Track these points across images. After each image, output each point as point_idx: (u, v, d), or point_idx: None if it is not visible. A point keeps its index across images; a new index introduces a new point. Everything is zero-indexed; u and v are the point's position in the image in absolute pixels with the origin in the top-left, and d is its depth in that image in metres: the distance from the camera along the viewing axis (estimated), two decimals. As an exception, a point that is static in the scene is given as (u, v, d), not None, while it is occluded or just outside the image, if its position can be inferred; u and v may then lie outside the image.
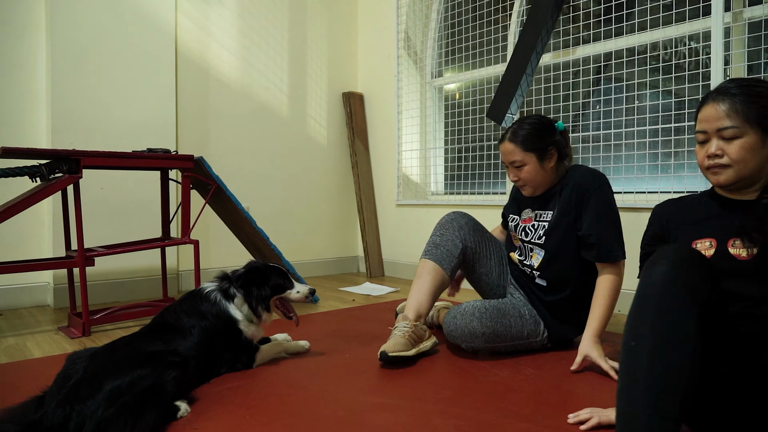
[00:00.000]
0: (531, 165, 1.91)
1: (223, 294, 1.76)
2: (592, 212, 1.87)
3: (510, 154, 1.93)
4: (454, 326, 1.90)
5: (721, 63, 2.36)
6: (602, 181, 1.91)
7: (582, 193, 1.89)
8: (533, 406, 1.46)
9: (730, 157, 1.21)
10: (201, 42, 3.42)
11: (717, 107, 1.23)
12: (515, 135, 1.92)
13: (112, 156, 2.29)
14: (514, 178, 1.98)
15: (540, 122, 1.94)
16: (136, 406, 1.28)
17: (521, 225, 2.07)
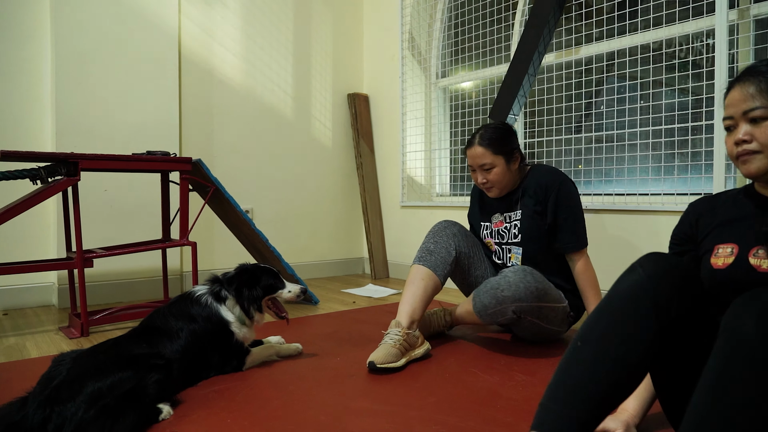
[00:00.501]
0: (500, 167, 2.06)
1: (215, 297, 1.77)
2: (557, 207, 2.05)
3: (480, 157, 2.06)
4: (507, 284, 1.85)
5: (726, 61, 2.30)
6: (562, 178, 2.08)
7: (545, 190, 2.06)
8: (518, 414, 1.44)
9: (759, 142, 1.10)
10: (204, 44, 3.44)
11: (743, 88, 1.13)
12: (484, 139, 2.06)
13: (110, 159, 2.31)
14: (482, 180, 2.10)
15: (505, 127, 2.12)
16: (116, 409, 1.28)
17: (494, 229, 2.20)
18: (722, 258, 1.19)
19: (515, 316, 1.90)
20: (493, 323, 1.98)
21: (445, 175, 3.86)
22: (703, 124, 2.41)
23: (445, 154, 3.86)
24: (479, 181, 2.12)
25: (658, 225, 2.52)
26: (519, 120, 3.20)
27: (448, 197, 3.82)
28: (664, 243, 2.49)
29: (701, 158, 2.45)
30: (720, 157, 2.31)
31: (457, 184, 3.78)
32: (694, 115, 2.47)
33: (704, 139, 2.40)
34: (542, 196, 2.06)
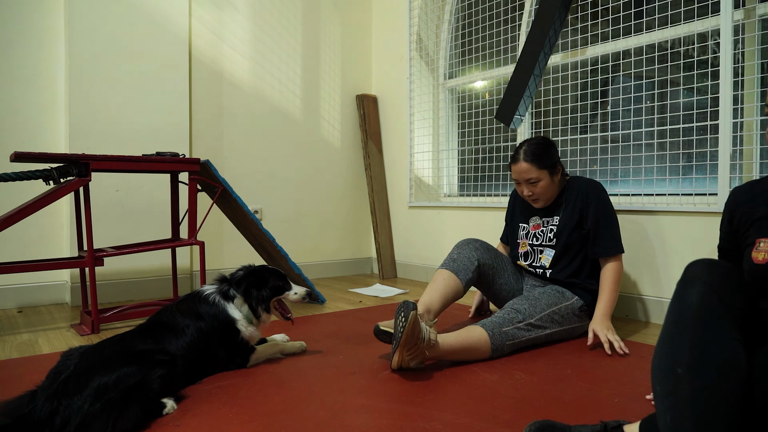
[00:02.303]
0: (545, 180, 2.19)
1: (223, 296, 1.81)
2: (595, 215, 2.18)
3: (526, 172, 2.17)
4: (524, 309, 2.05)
5: (731, 61, 2.29)
6: (600, 188, 2.23)
7: (585, 199, 2.20)
8: (515, 412, 1.45)
9: None
10: (215, 47, 3.49)
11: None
12: (528, 154, 2.17)
13: (121, 160, 2.36)
14: (528, 193, 2.22)
15: (546, 141, 2.22)
16: (121, 402, 1.32)
17: (531, 232, 2.34)
18: (763, 252, 1.20)
19: (531, 335, 2.02)
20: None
21: (453, 175, 3.88)
22: (708, 124, 2.40)
23: (453, 155, 3.87)
24: (525, 194, 2.23)
25: (663, 225, 2.51)
26: (525, 120, 3.21)
27: (456, 197, 3.84)
28: (668, 244, 2.50)
29: (706, 158, 2.44)
30: (725, 156, 2.30)
31: (465, 184, 3.79)
32: (699, 115, 2.46)
33: (709, 139, 2.39)
34: (582, 205, 2.20)
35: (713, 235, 2.35)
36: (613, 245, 2.18)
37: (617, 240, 2.19)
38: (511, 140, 3.36)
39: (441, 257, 3.73)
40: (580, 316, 2.19)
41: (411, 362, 1.76)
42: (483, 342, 1.90)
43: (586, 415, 1.43)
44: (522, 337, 1.99)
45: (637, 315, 2.60)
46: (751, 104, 2.32)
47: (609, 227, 2.19)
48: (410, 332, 1.69)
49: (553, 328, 2.10)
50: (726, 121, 2.29)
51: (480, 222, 3.43)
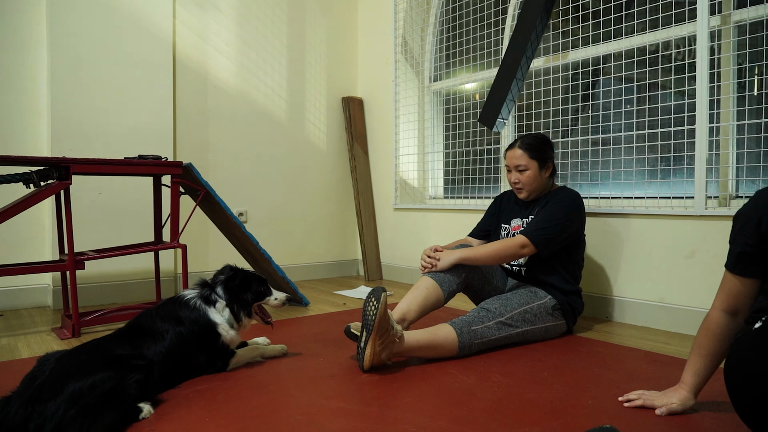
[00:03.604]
0: (532, 171, 2.28)
1: (204, 300, 1.82)
2: (546, 203, 2.26)
3: (517, 158, 2.29)
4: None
5: (707, 66, 2.33)
6: (572, 195, 2.27)
7: (553, 197, 2.28)
8: (490, 415, 1.47)
9: None
10: (199, 49, 3.49)
11: None
12: (524, 143, 2.30)
13: (102, 163, 2.36)
14: (515, 180, 2.32)
15: (545, 138, 2.35)
16: (96, 408, 1.33)
17: (512, 232, 2.38)
18: None
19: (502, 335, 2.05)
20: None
21: (439, 177, 3.90)
22: (685, 128, 2.44)
23: (439, 157, 3.89)
24: (512, 181, 2.34)
25: (642, 228, 2.54)
26: (509, 124, 3.24)
27: (441, 200, 3.86)
28: (647, 247, 2.53)
29: (684, 162, 2.48)
30: (701, 161, 2.33)
31: (450, 187, 3.81)
32: (677, 119, 2.49)
33: (686, 143, 2.43)
34: (549, 200, 2.28)
35: (690, 238, 2.38)
36: (534, 230, 2.17)
37: (542, 231, 2.16)
38: (495, 143, 3.38)
39: (426, 259, 3.74)
40: (554, 314, 2.21)
41: (382, 353, 1.78)
42: (450, 340, 1.93)
43: (559, 418, 1.45)
44: (492, 336, 2.01)
45: (615, 316, 2.63)
46: (727, 109, 2.36)
47: (546, 219, 2.19)
48: (383, 316, 1.74)
49: (525, 327, 2.11)
50: (702, 126, 2.33)
51: (465, 224, 3.45)
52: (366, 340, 1.77)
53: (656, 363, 1.94)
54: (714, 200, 2.38)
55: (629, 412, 1.48)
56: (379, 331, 1.75)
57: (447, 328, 1.95)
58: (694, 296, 2.37)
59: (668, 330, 2.44)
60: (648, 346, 2.17)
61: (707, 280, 2.31)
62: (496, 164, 3.37)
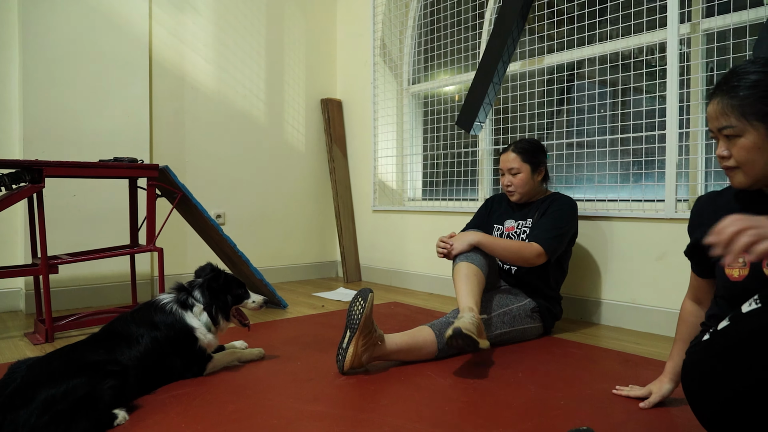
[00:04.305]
0: (524, 174, 2.35)
1: (181, 305, 1.80)
2: (546, 209, 2.31)
3: (510, 161, 2.37)
4: None
5: (677, 73, 2.39)
6: (569, 202, 2.34)
7: (552, 202, 2.33)
8: (462, 416, 1.49)
9: (736, 159, 1.12)
10: (176, 50, 3.46)
11: (714, 104, 1.14)
12: (517, 147, 2.38)
13: (76, 166, 2.33)
14: (507, 183, 2.39)
15: (538, 143, 2.42)
16: (69, 415, 1.31)
17: (505, 233, 2.43)
18: (736, 269, 1.18)
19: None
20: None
21: (417, 179, 3.93)
22: (656, 133, 2.50)
23: (417, 159, 3.92)
24: (505, 183, 2.40)
25: (614, 231, 2.60)
26: (486, 127, 3.27)
27: (419, 201, 3.88)
28: (619, 249, 2.58)
29: (654, 166, 2.54)
30: (672, 164, 2.39)
31: (429, 188, 3.84)
32: (648, 124, 2.55)
33: (657, 147, 2.49)
34: (547, 207, 2.33)
35: (660, 241, 2.44)
36: (547, 238, 2.20)
37: (553, 241, 2.21)
38: (472, 146, 3.42)
39: (405, 261, 3.77)
40: (532, 317, 2.25)
41: (363, 355, 1.79)
42: (430, 342, 1.95)
43: (533, 418, 1.48)
44: None
45: (590, 318, 2.69)
46: (696, 115, 2.42)
47: (553, 227, 2.24)
48: (368, 317, 1.76)
49: (504, 329, 2.15)
50: (672, 131, 2.39)
51: (443, 226, 3.48)
52: (349, 340, 1.78)
53: (628, 363, 1.99)
54: (684, 203, 2.44)
55: (602, 412, 1.52)
56: (363, 332, 1.77)
57: (426, 331, 1.97)
58: (665, 297, 2.43)
59: (640, 330, 2.50)
60: (620, 347, 2.22)
61: (677, 282, 2.37)
62: (474, 167, 3.41)
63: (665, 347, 2.21)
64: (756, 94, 1.07)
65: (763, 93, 1.05)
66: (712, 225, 1.28)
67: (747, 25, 2.24)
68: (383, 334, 1.86)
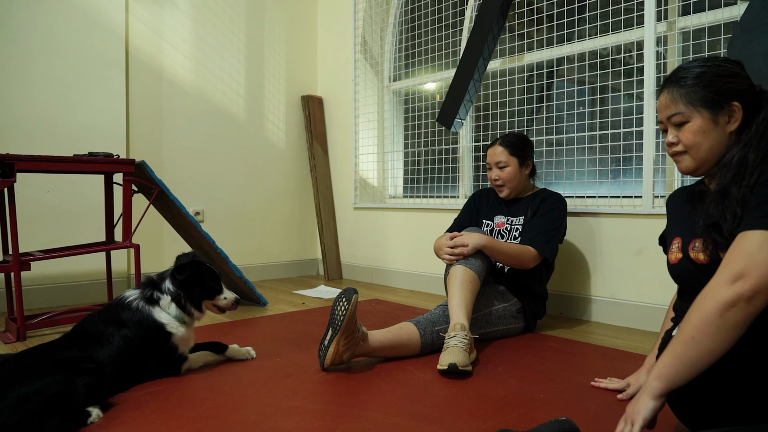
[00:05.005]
0: (512, 167, 2.35)
1: (147, 300, 1.75)
2: (538, 209, 2.31)
3: (498, 155, 2.36)
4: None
5: (654, 70, 2.42)
6: (560, 200, 2.35)
7: (543, 201, 2.33)
8: (443, 410, 1.49)
9: (684, 143, 1.23)
10: (153, 44, 3.40)
11: (664, 95, 1.26)
12: (504, 141, 2.37)
13: (49, 160, 2.27)
14: (495, 177, 2.38)
15: (525, 137, 2.43)
16: (41, 413, 1.28)
17: (496, 228, 2.42)
18: (674, 253, 1.30)
19: None
20: None
21: (398, 177, 3.92)
22: (633, 130, 2.53)
23: (399, 156, 3.91)
24: (493, 178, 2.39)
25: (594, 227, 2.63)
26: (467, 124, 3.28)
27: (400, 199, 3.88)
28: (599, 244, 2.61)
29: (632, 162, 2.57)
30: (649, 161, 2.42)
31: (409, 186, 3.84)
32: (626, 121, 2.58)
33: (635, 144, 2.52)
34: (539, 205, 2.33)
35: (638, 236, 2.47)
36: (543, 242, 2.21)
37: (551, 245, 2.24)
38: (453, 143, 3.42)
39: (386, 258, 3.76)
40: (516, 317, 2.26)
41: (345, 354, 1.78)
42: (413, 339, 1.95)
43: (513, 411, 1.48)
44: None
45: (570, 313, 2.71)
46: (673, 112, 2.45)
47: (548, 229, 2.25)
48: (351, 317, 1.73)
49: (488, 328, 2.16)
50: (650, 127, 2.42)
51: (424, 223, 3.48)
52: (331, 339, 1.77)
53: (606, 357, 2.01)
54: (661, 199, 2.47)
55: (581, 405, 1.53)
56: (345, 332, 1.75)
57: (410, 327, 1.97)
58: (642, 292, 2.46)
59: (618, 325, 2.53)
60: (599, 341, 2.24)
61: (654, 277, 2.41)
62: (455, 164, 3.42)
63: (642, 341, 2.24)
64: (700, 83, 1.21)
65: (707, 82, 1.20)
66: (673, 217, 1.41)
67: (721, 23, 2.27)
68: (366, 332, 1.85)
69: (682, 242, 1.27)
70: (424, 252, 3.45)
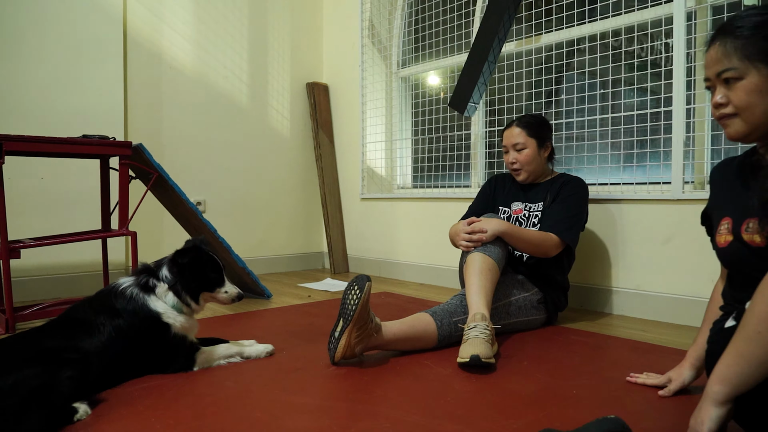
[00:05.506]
0: (531, 149, 2.20)
1: (142, 288, 1.59)
2: (558, 194, 2.16)
3: (515, 136, 2.21)
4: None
5: (684, 48, 2.27)
6: (582, 184, 2.20)
7: (563, 186, 2.18)
8: (468, 407, 1.35)
9: (735, 104, 1.07)
10: (153, 27, 3.26)
11: (715, 48, 1.09)
12: (522, 122, 2.22)
13: (41, 141, 2.13)
14: (512, 160, 2.23)
15: (543, 118, 2.29)
16: (20, 409, 1.14)
17: (513, 216, 2.28)
18: (723, 235, 1.14)
19: None
20: None
21: (407, 166, 3.78)
22: (662, 110, 2.37)
23: (407, 145, 3.77)
24: (510, 161, 2.24)
25: (617, 214, 2.47)
26: (480, 109, 3.13)
27: (409, 189, 3.73)
28: (623, 233, 2.46)
29: (660, 146, 2.41)
30: (679, 143, 2.27)
31: (419, 175, 3.69)
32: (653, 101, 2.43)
33: (663, 126, 2.36)
34: (560, 189, 2.18)
35: (666, 223, 2.32)
36: (565, 230, 2.07)
37: (573, 232, 2.10)
38: (465, 129, 3.27)
39: (395, 250, 3.62)
40: (537, 308, 2.11)
41: (357, 347, 1.63)
42: (430, 332, 1.80)
43: (544, 408, 1.34)
44: None
45: (592, 306, 2.56)
46: (702, 90, 2.30)
47: (571, 216, 2.11)
48: (364, 307, 1.59)
49: (508, 320, 2.01)
50: (679, 108, 2.27)
51: (435, 214, 3.33)
52: (342, 330, 1.62)
53: (638, 350, 1.86)
54: (690, 184, 2.32)
55: (618, 402, 1.38)
56: (357, 323, 1.61)
57: (426, 319, 1.82)
58: (671, 283, 2.31)
59: (644, 318, 2.38)
60: (626, 334, 2.09)
61: (684, 266, 2.26)
62: (467, 150, 3.27)
63: (674, 334, 2.09)
64: (760, 33, 1.04)
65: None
66: (719, 193, 1.24)
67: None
68: (380, 324, 1.70)
69: (733, 222, 1.12)
70: (434, 243, 3.31)
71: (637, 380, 1.51)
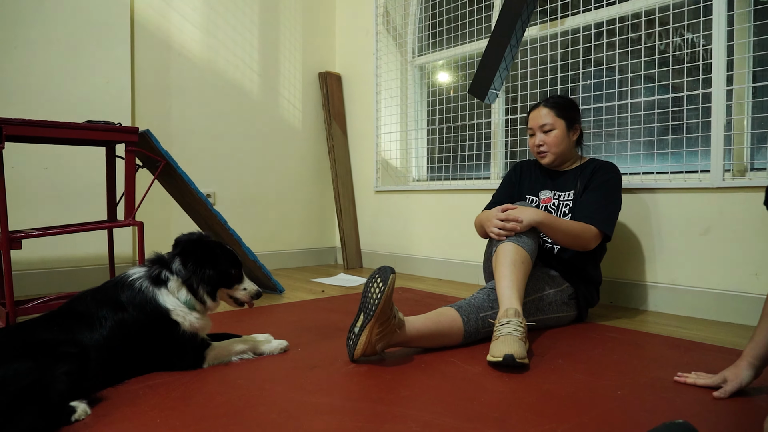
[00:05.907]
0: (559, 131, 2.05)
1: (152, 280, 1.47)
2: (591, 181, 2.03)
3: (543, 117, 2.06)
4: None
5: (725, 27, 2.12)
6: (615, 170, 2.06)
7: (595, 172, 2.04)
8: (504, 409, 1.22)
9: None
10: (161, 12, 3.15)
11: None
12: (549, 102, 2.08)
13: (42, 125, 2.02)
14: (539, 142, 2.07)
15: (571, 99, 2.16)
16: (12, 408, 1.03)
17: (542, 205, 2.13)
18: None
19: None
20: None
21: (423, 157, 3.65)
22: (699, 92, 2.23)
23: (422, 135, 3.64)
24: (535, 144, 2.09)
25: (650, 204, 2.33)
26: (500, 96, 2.99)
27: (425, 181, 3.60)
28: (656, 224, 2.31)
29: (697, 131, 2.27)
30: (719, 128, 2.12)
31: (435, 166, 3.56)
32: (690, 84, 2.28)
33: (701, 109, 2.22)
34: (592, 176, 2.05)
35: (704, 214, 2.18)
36: (603, 220, 1.93)
37: (611, 222, 1.96)
38: (485, 117, 3.14)
39: (410, 245, 3.49)
40: (568, 303, 1.97)
41: (378, 344, 1.51)
42: (456, 328, 1.67)
43: (588, 411, 1.21)
44: None
45: (621, 301, 2.42)
46: (742, 71, 2.15)
47: (607, 205, 1.97)
48: (387, 301, 1.47)
49: (538, 316, 1.87)
50: (719, 90, 2.12)
51: (452, 207, 3.20)
52: (362, 326, 1.49)
53: (680, 348, 1.72)
54: (728, 172, 2.18)
55: (669, 404, 1.25)
56: (379, 319, 1.48)
57: (452, 314, 1.69)
58: (711, 277, 2.16)
59: (681, 315, 2.23)
60: (665, 332, 1.95)
61: (725, 259, 2.11)
62: (487, 140, 3.13)
63: (714, 331, 1.95)
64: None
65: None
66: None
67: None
68: (403, 319, 1.57)
69: None
70: (451, 238, 3.18)
71: (687, 380, 1.38)
